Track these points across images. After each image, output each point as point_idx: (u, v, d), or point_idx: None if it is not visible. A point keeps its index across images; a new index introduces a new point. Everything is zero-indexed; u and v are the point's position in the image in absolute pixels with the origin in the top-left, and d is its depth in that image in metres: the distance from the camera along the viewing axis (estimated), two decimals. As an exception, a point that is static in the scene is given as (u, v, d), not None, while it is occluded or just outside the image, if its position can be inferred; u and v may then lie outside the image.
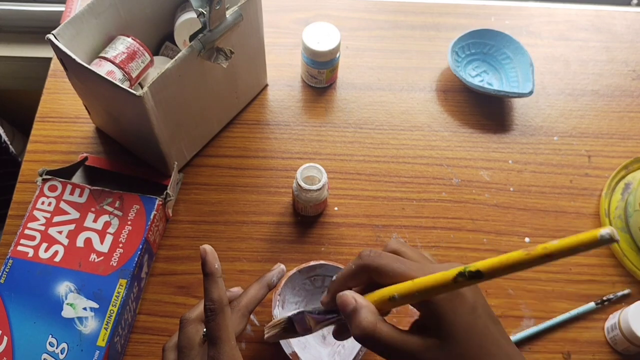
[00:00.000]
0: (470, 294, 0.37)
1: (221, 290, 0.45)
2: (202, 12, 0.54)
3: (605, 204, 0.67)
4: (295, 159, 0.70)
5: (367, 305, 0.38)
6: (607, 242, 0.29)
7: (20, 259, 0.56)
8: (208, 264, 0.46)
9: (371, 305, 0.38)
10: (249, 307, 0.51)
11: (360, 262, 0.40)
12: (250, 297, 0.51)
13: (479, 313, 0.37)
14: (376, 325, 0.37)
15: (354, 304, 0.38)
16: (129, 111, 0.58)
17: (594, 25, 0.82)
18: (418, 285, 0.36)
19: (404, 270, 0.38)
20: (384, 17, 0.82)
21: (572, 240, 0.30)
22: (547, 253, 0.31)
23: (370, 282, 0.41)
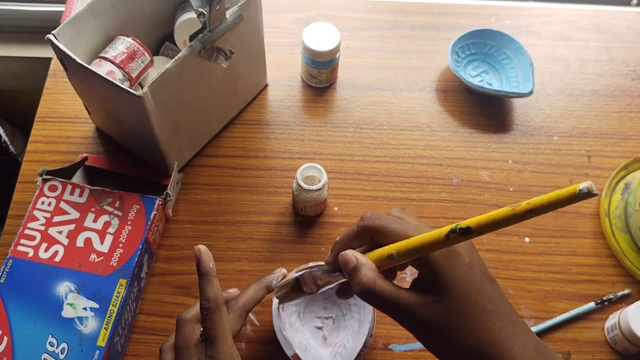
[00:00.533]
0: (466, 253, 0.39)
1: (216, 289, 0.46)
2: (202, 12, 0.54)
3: (605, 204, 0.67)
4: (295, 159, 0.70)
5: (367, 263, 0.40)
6: (586, 197, 0.30)
7: (20, 259, 0.56)
8: (202, 264, 0.46)
9: (371, 263, 0.40)
10: (247, 307, 0.51)
11: (361, 223, 0.42)
12: (248, 297, 0.51)
13: (475, 271, 0.39)
14: (376, 282, 0.39)
15: (354, 262, 0.40)
16: (129, 111, 0.58)
17: (594, 25, 0.82)
18: (413, 242, 0.38)
19: (402, 229, 0.40)
20: (384, 17, 0.82)
21: (553, 195, 0.32)
22: (530, 208, 0.33)
23: (372, 244, 0.42)
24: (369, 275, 0.39)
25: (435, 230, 0.37)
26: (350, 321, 0.58)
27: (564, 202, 0.32)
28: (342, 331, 0.58)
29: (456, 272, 0.38)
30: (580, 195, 0.31)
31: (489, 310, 0.38)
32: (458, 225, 0.36)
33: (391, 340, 0.60)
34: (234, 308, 0.50)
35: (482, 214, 0.36)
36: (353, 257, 0.41)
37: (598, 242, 0.66)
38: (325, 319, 0.59)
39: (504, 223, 0.34)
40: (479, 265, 0.39)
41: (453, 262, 0.38)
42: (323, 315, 0.59)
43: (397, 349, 0.60)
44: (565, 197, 0.32)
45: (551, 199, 0.32)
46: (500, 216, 0.34)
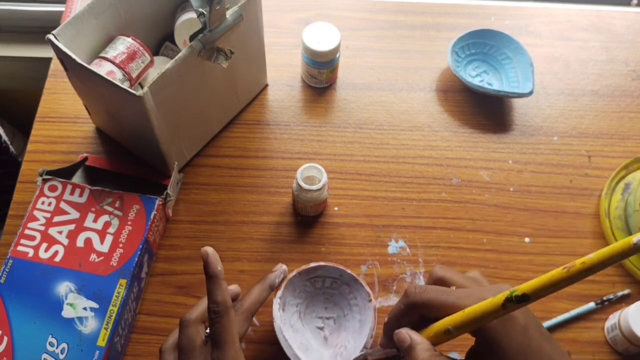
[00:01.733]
0: (521, 314, 0.38)
1: (225, 292, 0.45)
2: (202, 12, 0.54)
3: (605, 204, 0.67)
4: (295, 159, 0.70)
5: (422, 342, 0.39)
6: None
7: (20, 259, 0.56)
8: (211, 266, 0.45)
9: (425, 342, 0.40)
10: (252, 309, 0.51)
11: (407, 300, 0.41)
12: (253, 299, 0.51)
13: (531, 333, 0.38)
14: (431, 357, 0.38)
15: (409, 341, 0.40)
16: (129, 111, 0.58)
17: (594, 25, 0.82)
18: (469, 315, 0.37)
19: (453, 301, 0.39)
20: (384, 17, 0.82)
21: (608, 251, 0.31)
22: (586, 268, 0.32)
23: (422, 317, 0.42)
24: (424, 356, 0.39)
25: (489, 296, 0.36)
26: (352, 322, 0.58)
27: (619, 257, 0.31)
28: (343, 331, 0.58)
29: (512, 338, 0.37)
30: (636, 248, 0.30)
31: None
32: (513, 292, 0.35)
33: (391, 340, 0.60)
34: (240, 311, 0.50)
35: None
36: (407, 336, 0.40)
37: (598, 242, 0.66)
38: (326, 319, 0.59)
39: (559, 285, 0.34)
40: (534, 326, 0.38)
41: (507, 328, 0.37)
42: (324, 316, 0.59)
43: (397, 349, 0.60)
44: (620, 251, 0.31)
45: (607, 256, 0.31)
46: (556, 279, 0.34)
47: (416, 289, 0.41)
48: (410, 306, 0.41)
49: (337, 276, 0.58)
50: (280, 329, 0.54)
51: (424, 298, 0.41)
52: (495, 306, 0.36)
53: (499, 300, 0.35)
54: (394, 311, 0.43)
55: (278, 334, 0.53)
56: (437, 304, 0.40)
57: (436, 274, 0.44)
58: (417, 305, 0.41)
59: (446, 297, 0.40)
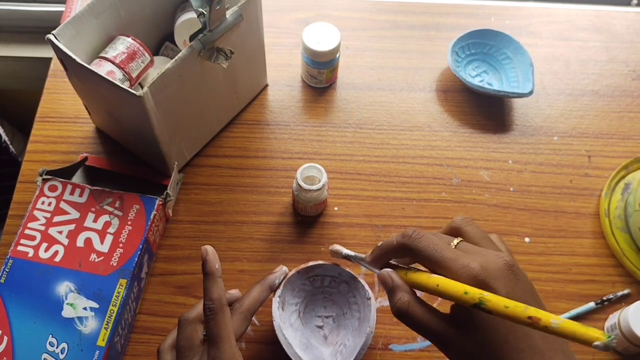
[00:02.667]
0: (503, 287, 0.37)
1: (221, 290, 0.46)
2: (202, 12, 0.54)
3: (605, 204, 0.67)
4: (295, 159, 0.70)
5: (402, 286, 0.41)
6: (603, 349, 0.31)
7: (20, 259, 0.56)
8: (209, 264, 0.46)
9: (405, 286, 0.41)
10: (251, 309, 0.51)
11: (400, 240, 0.42)
12: (252, 299, 0.52)
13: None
14: (409, 305, 0.39)
15: (390, 284, 0.41)
16: (129, 111, 0.58)
17: (594, 25, 0.82)
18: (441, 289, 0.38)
19: (438, 259, 0.39)
20: (384, 17, 0.82)
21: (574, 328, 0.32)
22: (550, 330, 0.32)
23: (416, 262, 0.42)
24: (403, 299, 0.40)
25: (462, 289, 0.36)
26: (351, 320, 0.58)
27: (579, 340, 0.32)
28: (342, 330, 0.58)
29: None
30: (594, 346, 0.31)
31: (520, 349, 0.36)
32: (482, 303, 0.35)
33: (391, 340, 0.60)
34: (239, 310, 0.50)
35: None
36: (389, 278, 0.41)
37: (598, 242, 0.66)
38: (325, 318, 0.59)
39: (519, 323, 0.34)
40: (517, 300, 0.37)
41: None
42: (323, 314, 0.59)
43: (397, 349, 0.60)
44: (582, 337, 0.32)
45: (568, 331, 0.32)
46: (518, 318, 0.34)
47: (412, 233, 0.41)
48: (401, 246, 0.42)
49: (336, 275, 0.58)
50: (280, 328, 0.54)
51: (414, 245, 0.41)
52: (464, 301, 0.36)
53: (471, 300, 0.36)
54: (388, 243, 0.43)
55: (278, 333, 0.53)
56: (424, 255, 0.40)
57: (453, 223, 0.44)
58: (407, 248, 0.41)
59: (434, 252, 0.40)
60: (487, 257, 0.39)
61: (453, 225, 0.44)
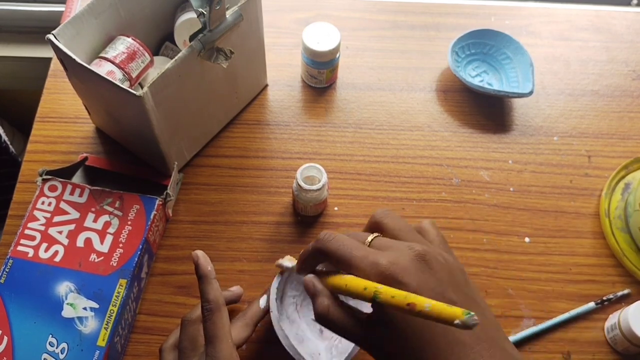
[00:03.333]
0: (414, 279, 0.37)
1: (216, 291, 0.46)
2: (202, 12, 0.54)
3: (605, 204, 0.67)
4: (295, 159, 0.70)
5: (322, 291, 0.41)
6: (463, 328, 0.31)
7: (20, 259, 0.56)
8: (201, 267, 0.47)
9: (325, 290, 0.41)
10: (254, 318, 0.52)
11: (315, 244, 0.42)
12: (255, 308, 0.54)
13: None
14: (329, 310, 0.39)
15: (312, 289, 0.41)
16: (129, 111, 0.58)
17: (594, 25, 0.82)
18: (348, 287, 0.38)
19: (348, 259, 0.39)
20: (384, 17, 0.82)
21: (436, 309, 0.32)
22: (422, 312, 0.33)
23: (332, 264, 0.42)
24: (323, 304, 0.40)
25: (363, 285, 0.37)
26: None
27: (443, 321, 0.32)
28: None
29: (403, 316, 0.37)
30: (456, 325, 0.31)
31: (435, 342, 0.36)
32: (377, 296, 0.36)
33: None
34: (242, 318, 0.52)
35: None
36: (312, 284, 0.41)
37: (598, 242, 0.66)
38: None
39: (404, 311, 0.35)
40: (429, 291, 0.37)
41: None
42: None
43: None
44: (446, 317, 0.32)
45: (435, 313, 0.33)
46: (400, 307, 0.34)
47: (325, 236, 0.41)
48: (316, 251, 0.42)
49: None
50: (277, 319, 0.54)
51: (325, 247, 0.41)
52: (365, 297, 0.37)
53: (369, 294, 0.36)
54: (306, 249, 0.44)
55: (275, 324, 0.53)
56: (336, 256, 0.40)
57: (373, 217, 0.44)
58: (321, 251, 0.41)
59: (343, 252, 0.40)
60: (398, 250, 0.39)
61: (372, 220, 0.44)
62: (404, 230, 0.42)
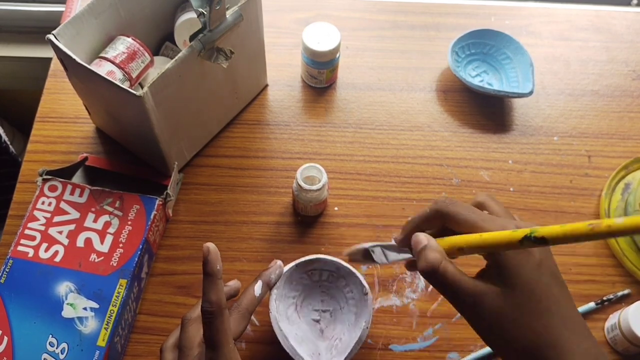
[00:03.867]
0: (538, 250, 0.38)
1: (220, 293, 0.44)
2: (202, 12, 0.54)
3: (605, 204, 0.67)
4: (295, 159, 0.70)
5: (437, 247, 0.40)
6: None
7: (20, 259, 0.56)
8: (210, 264, 0.44)
9: (440, 247, 0.40)
10: (249, 308, 0.51)
11: (435, 206, 0.42)
12: (251, 297, 0.51)
13: (543, 271, 0.38)
14: (441, 262, 0.39)
15: (425, 242, 0.40)
16: (129, 111, 0.58)
17: (594, 25, 0.82)
18: (485, 240, 0.38)
19: (475, 220, 0.40)
20: (384, 17, 0.82)
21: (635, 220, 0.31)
22: (611, 231, 0.32)
23: (444, 229, 0.42)
24: (436, 255, 0.39)
25: (509, 231, 0.37)
26: (347, 315, 0.58)
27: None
28: (339, 324, 0.58)
29: (524, 268, 0.38)
30: None
31: (553, 311, 0.37)
32: (533, 232, 0.35)
33: (391, 340, 0.60)
34: (237, 310, 0.50)
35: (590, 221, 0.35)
36: (425, 238, 0.41)
37: (598, 242, 0.66)
38: (322, 312, 0.59)
39: (579, 239, 0.34)
40: (549, 266, 0.39)
41: (522, 258, 0.38)
42: (320, 309, 0.59)
43: (397, 349, 0.60)
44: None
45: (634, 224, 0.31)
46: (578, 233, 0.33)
47: (446, 200, 0.42)
48: (436, 212, 0.42)
49: (334, 269, 0.58)
50: (277, 320, 0.54)
51: (450, 209, 0.41)
52: (513, 240, 0.36)
53: (518, 236, 0.36)
54: (419, 213, 0.43)
55: (274, 325, 0.53)
56: (461, 218, 0.40)
57: (477, 198, 0.44)
58: (442, 213, 0.41)
59: (471, 214, 0.40)
60: (519, 223, 0.39)
61: (477, 200, 0.44)
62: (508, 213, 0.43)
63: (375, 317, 0.61)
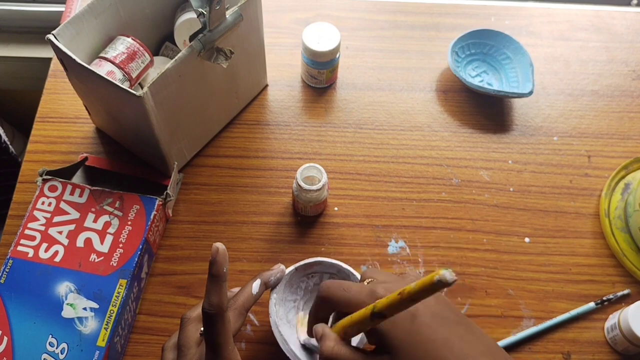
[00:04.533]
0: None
1: (223, 296, 0.44)
2: (202, 12, 0.54)
3: (605, 204, 0.67)
4: (295, 159, 0.70)
5: (329, 334, 0.44)
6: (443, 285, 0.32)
7: (20, 259, 0.56)
8: (217, 265, 0.44)
9: (332, 334, 0.44)
10: (246, 305, 0.51)
11: (318, 294, 0.46)
12: (247, 294, 0.51)
13: (421, 320, 0.40)
14: (333, 349, 0.42)
15: (320, 333, 0.44)
16: (129, 111, 0.58)
17: (594, 25, 0.82)
18: (353, 319, 0.42)
19: (349, 297, 0.44)
20: (384, 17, 0.82)
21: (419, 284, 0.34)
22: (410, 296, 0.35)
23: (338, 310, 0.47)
24: (328, 344, 0.43)
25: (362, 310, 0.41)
26: None
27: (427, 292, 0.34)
28: None
29: (399, 327, 0.40)
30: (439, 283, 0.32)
31: (444, 356, 0.38)
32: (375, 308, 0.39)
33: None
34: (233, 307, 0.50)
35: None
36: (320, 329, 0.45)
37: (598, 242, 0.66)
38: None
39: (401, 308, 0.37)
40: (429, 312, 0.40)
41: (395, 318, 0.39)
42: None
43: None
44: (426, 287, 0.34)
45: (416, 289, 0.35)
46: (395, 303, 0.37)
47: (324, 285, 0.45)
48: (321, 300, 0.46)
49: (335, 272, 0.58)
50: (276, 324, 0.54)
51: (327, 293, 0.45)
52: (366, 316, 0.40)
53: (368, 312, 0.39)
54: (313, 304, 0.48)
55: (274, 329, 0.54)
56: (336, 300, 0.44)
57: (363, 275, 0.48)
58: (325, 300, 0.45)
59: (343, 293, 0.44)
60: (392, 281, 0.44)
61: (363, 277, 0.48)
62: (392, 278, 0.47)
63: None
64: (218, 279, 0.44)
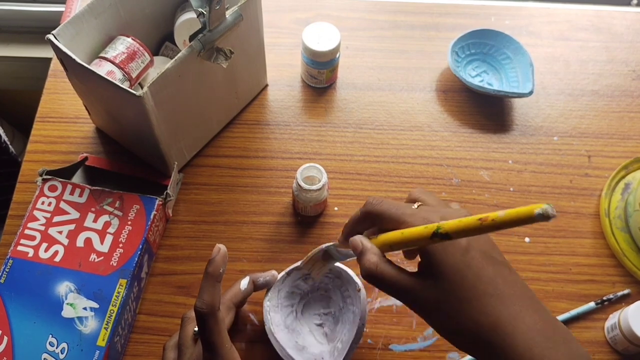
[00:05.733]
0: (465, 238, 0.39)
1: (215, 295, 0.45)
2: (202, 12, 0.54)
3: (605, 204, 0.67)
4: (295, 159, 0.70)
5: (371, 248, 0.41)
6: (543, 219, 0.31)
7: (20, 259, 0.56)
8: (215, 264, 0.45)
9: (375, 248, 0.42)
10: (234, 300, 0.52)
11: (364, 208, 0.44)
12: (235, 290, 0.52)
13: (473, 254, 0.39)
14: (377, 266, 0.40)
15: (360, 247, 0.42)
16: (129, 111, 0.58)
17: (594, 25, 0.82)
18: (405, 236, 0.40)
19: (399, 215, 0.41)
20: (384, 17, 0.82)
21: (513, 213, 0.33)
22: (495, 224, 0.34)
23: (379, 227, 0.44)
24: (371, 260, 0.40)
25: (422, 227, 0.38)
26: (347, 314, 0.58)
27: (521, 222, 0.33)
28: (341, 325, 0.58)
29: (451, 256, 0.38)
30: (537, 217, 0.32)
31: (489, 294, 0.38)
32: (440, 228, 0.37)
33: (391, 340, 0.60)
34: (221, 301, 0.51)
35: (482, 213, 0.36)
36: (360, 242, 0.42)
37: (598, 242, 0.66)
38: (324, 315, 0.59)
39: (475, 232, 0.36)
40: (479, 248, 0.39)
41: (447, 246, 0.39)
42: (322, 312, 0.59)
43: (397, 349, 0.60)
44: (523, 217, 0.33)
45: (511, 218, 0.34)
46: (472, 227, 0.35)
47: (374, 200, 0.43)
48: (366, 214, 0.44)
49: (327, 270, 0.58)
50: (271, 332, 0.54)
51: (376, 209, 0.42)
52: (425, 235, 0.38)
53: (429, 231, 0.37)
54: (353, 216, 0.45)
55: (270, 336, 0.54)
56: (387, 216, 0.42)
57: (411, 194, 0.46)
58: (371, 214, 0.43)
59: (395, 210, 0.41)
60: (446, 210, 0.41)
61: (411, 196, 0.46)
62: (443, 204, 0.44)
63: (375, 317, 0.61)
64: (213, 278, 0.45)
